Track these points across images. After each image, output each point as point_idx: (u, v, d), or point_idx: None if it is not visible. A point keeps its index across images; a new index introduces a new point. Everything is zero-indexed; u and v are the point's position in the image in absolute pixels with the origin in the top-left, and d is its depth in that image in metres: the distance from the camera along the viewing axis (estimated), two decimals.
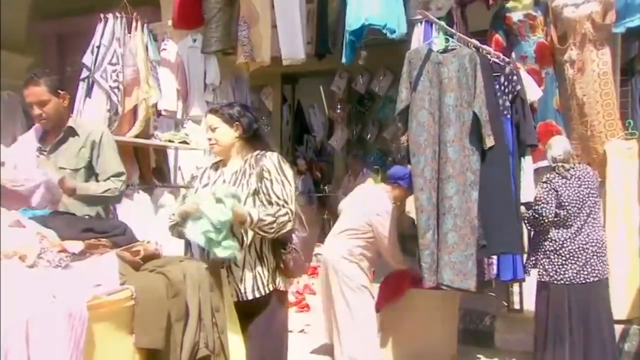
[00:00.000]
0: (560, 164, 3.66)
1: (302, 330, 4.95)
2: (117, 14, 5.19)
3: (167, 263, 2.14)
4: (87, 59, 4.82)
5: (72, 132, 2.99)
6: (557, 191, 3.59)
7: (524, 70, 4.30)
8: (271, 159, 2.47)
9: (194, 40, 5.47)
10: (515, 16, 4.59)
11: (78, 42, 5.64)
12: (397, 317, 4.10)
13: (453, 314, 4.28)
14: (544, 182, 3.68)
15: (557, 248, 3.56)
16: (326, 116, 9.49)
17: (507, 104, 3.75)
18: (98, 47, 4.98)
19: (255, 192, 2.43)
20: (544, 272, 3.62)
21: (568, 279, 3.53)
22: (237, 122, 2.52)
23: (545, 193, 3.61)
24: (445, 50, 3.67)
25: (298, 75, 8.80)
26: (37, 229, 2.01)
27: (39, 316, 1.59)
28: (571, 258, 3.53)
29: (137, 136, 4.74)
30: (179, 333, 2.00)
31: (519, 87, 3.71)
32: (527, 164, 4.02)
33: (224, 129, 2.52)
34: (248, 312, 2.42)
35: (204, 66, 5.49)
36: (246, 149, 2.57)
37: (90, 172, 2.99)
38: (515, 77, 3.74)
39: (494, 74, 3.76)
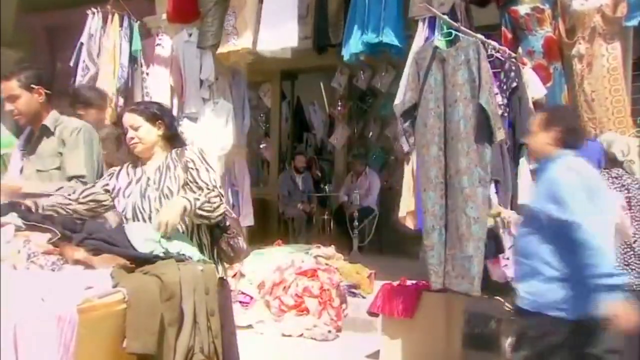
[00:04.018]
0: (628, 159, 3.34)
1: (301, 335, 4.83)
2: (94, 10, 5.16)
3: (163, 265, 2.08)
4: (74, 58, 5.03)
5: (46, 131, 2.88)
6: (628, 190, 3.25)
7: (531, 65, 4.19)
8: (192, 151, 2.53)
9: (190, 35, 5.35)
10: (522, 9, 4.44)
11: (68, 35, 5.58)
12: (400, 321, 3.99)
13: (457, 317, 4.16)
14: (614, 178, 3.29)
15: None
16: (326, 113, 9.39)
17: (505, 100, 3.66)
18: (81, 44, 5.07)
19: (184, 184, 2.46)
20: None
21: None
22: (159, 121, 2.52)
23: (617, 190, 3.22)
24: (448, 45, 3.58)
25: (297, 72, 8.72)
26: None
27: (27, 319, 1.56)
28: None
29: None
30: (173, 337, 1.95)
31: (514, 84, 3.62)
32: (524, 164, 3.86)
33: (147, 127, 2.50)
34: None
35: (200, 61, 5.36)
36: (166, 147, 2.56)
37: (64, 172, 2.85)
38: (513, 74, 3.66)
39: (494, 70, 3.66)
